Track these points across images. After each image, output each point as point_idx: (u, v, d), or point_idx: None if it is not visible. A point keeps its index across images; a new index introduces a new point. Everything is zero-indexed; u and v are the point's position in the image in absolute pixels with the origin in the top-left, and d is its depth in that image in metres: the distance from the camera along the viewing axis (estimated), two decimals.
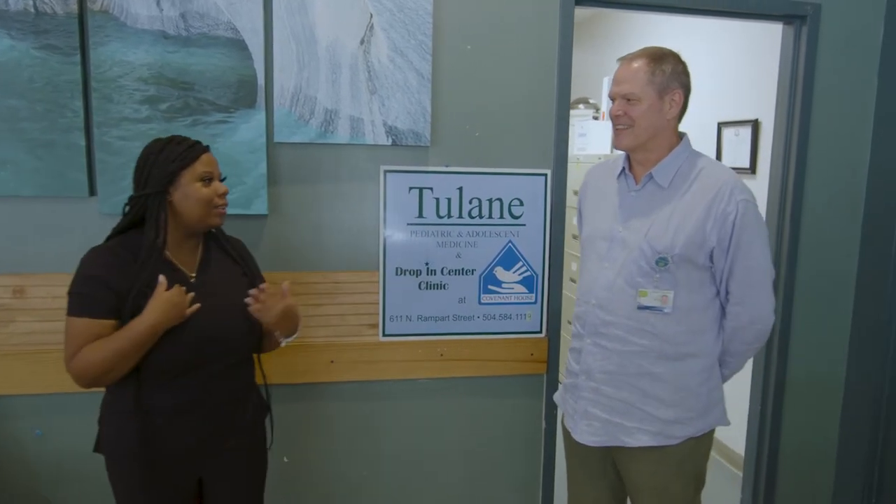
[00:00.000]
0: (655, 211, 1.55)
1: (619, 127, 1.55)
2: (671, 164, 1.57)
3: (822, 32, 2.27)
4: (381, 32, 1.94)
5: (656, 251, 1.52)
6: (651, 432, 1.58)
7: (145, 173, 1.39)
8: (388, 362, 2.07)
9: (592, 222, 1.68)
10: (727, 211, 1.49)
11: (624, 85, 1.53)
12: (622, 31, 4.33)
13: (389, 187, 2.02)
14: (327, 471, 2.12)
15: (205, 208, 1.42)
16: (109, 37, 1.79)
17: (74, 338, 1.34)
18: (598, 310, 1.59)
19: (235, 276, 1.53)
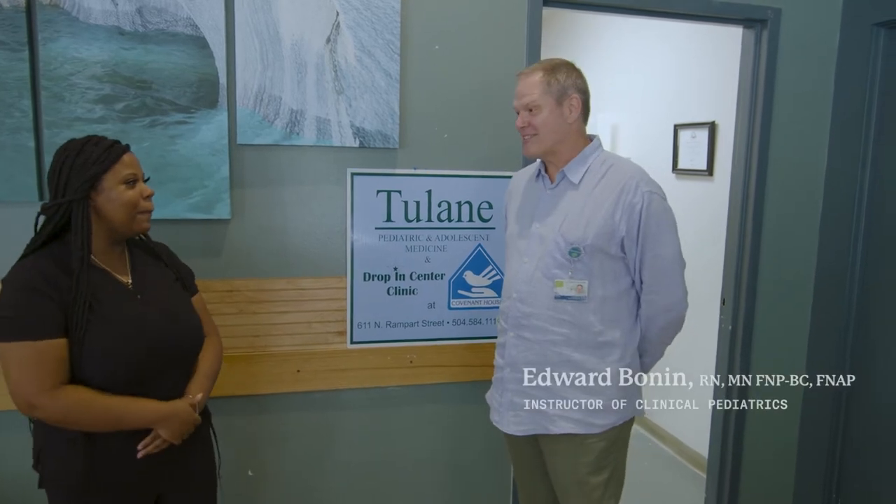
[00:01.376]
0: (568, 206, 1.68)
1: (525, 136, 1.68)
2: (581, 163, 1.70)
3: (781, 36, 2.40)
4: (347, 31, 1.96)
5: (569, 242, 1.64)
6: (573, 420, 1.68)
7: (63, 178, 1.34)
8: (356, 370, 2.09)
9: (514, 223, 1.80)
10: (633, 202, 1.62)
11: (524, 98, 1.66)
12: (578, 31, 4.45)
13: (357, 190, 2.04)
14: (295, 483, 2.12)
15: (130, 212, 1.39)
16: (60, 32, 1.76)
17: (22, 364, 1.26)
18: (518, 303, 1.70)
19: (169, 280, 1.52)
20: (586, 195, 1.67)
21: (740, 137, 2.50)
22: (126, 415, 1.34)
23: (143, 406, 1.36)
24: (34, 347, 1.27)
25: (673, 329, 1.73)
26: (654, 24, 3.51)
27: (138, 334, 1.36)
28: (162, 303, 1.45)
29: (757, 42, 2.43)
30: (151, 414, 1.36)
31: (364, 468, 2.17)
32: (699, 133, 3.19)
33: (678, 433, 3.48)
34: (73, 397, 1.29)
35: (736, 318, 2.52)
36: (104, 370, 1.32)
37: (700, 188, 3.23)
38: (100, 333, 1.32)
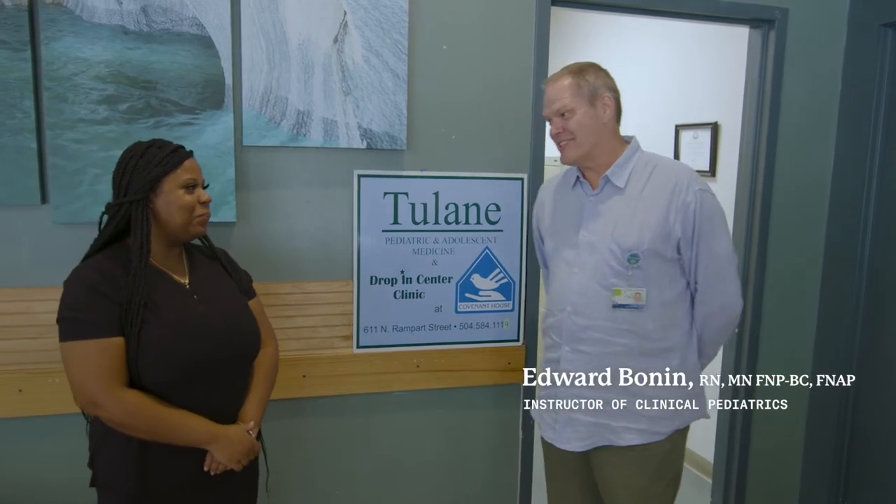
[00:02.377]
0: (617, 211, 1.69)
1: (561, 143, 1.70)
2: (624, 165, 1.71)
3: (789, 37, 2.44)
4: (355, 31, 1.98)
5: (625, 249, 1.65)
6: (638, 430, 1.71)
7: (126, 179, 1.41)
8: (362, 375, 2.12)
9: (556, 234, 1.80)
10: (687, 201, 1.64)
11: (555, 104, 1.68)
12: (582, 32, 4.48)
13: (363, 192, 2.06)
14: (301, 490, 2.14)
15: (187, 216, 1.45)
16: (63, 31, 1.77)
17: (86, 363, 1.33)
18: (574, 316, 1.70)
19: (227, 283, 1.58)
20: (635, 199, 1.68)
21: (747, 138, 2.54)
22: (179, 428, 1.38)
23: (197, 424, 1.40)
24: (97, 346, 1.33)
25: (729, 328, 1.78)
26: (655, 24, 3.55)
27: (194, 335, 1.41)
28: (220, 305, 1.50)
29: (764, 42, 2.48)
30: (203, 433, 1.41)
31: (370, 474, 2.19)
32: (701, 133, 3.24)
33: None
34: (135, 401, 1.34)
35: (742, 318, 2.56)
36: (159, 369, 1.37)
37: None
38: (154, 332, 1.37)
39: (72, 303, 1.35)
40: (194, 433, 1.40)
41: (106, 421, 1.36)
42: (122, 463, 1.39)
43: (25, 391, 1.83)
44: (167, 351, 1.38)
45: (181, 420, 1.39)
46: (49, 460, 1.89)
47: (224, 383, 1.48)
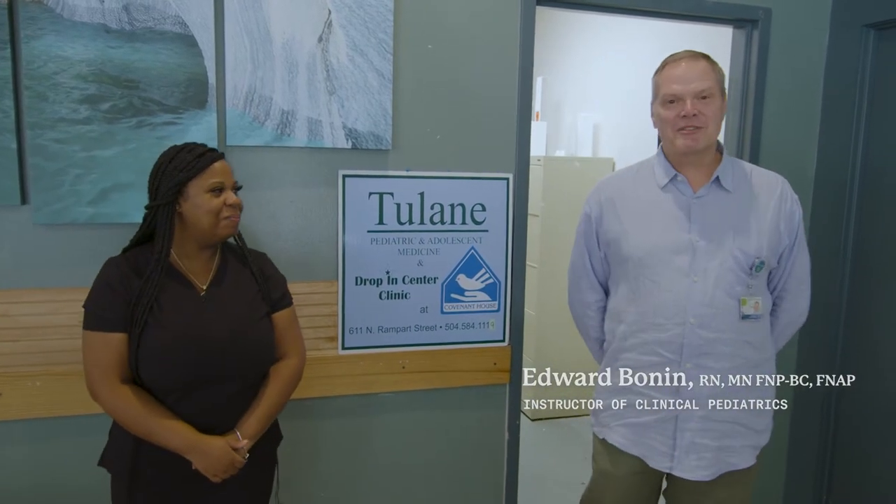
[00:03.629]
0: (730, 216, 1.66)
1: (690, 127, 1.62)
2: (730, 167, 1.70)
3: (772, 37, 2.54)
4: (339, 30, 2.03)
5: (751, 256, 1.63)
6: (752, 447, 1.73)
7: (156, 183, 1.50)
8: (347, 377, 2.17)
9: (651, 237, 1.69)
10: (793, 209, 1.70)
11: (695, 83, 1.61)
12: (556, 30, 4.57)
13: (348, 193, 2.12)
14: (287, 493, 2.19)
15: (212, 219, 1.50)
16: (44, 30, 1.80)
17: (92, 352, 1.46)
18: (699, 329, 1.63)
19: (251, 293, 1.61)
20: (746, 204, 1.66)
21: (730, 138, 2.63)
22: (159, 432, 1.45)
23: (178, 430, 1.46)
24: (101, 339, 1.45)
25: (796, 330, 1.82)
26: (637, 23, 3.63)
27: (191, 343, 1.47)
28: (228, 316, 1.54)
29: (747, 42, 2.57)
30: (181, 441, 1.46)
31: (355, 475, 2.25)
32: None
33: None
34: (124, 396, 1.45)
35: None
36: (153, 372, 1.46)
37: None
38: (153, 336, 1.45)
39: (91, 294, 1.48)
40: (174, 439, 1.46)
41: (104, 408, 1.47)
42: (123, 448, 1.51)
43: (6, 395, 1.86)
44: (162, 355, 1.45)
45: (163, 424, 1.45)
46: (28, 467, 1.92)
47: (224, 392, 1.52)
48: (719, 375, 1.64)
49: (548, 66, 4.59)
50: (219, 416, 1.52)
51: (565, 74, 4.39)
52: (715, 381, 1.64)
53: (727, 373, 1.65)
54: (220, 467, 1.50)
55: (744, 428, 1.70)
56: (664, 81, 1.67)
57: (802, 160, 2.64)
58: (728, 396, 1.67)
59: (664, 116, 1.67)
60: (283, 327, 1.66)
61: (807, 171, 2.65)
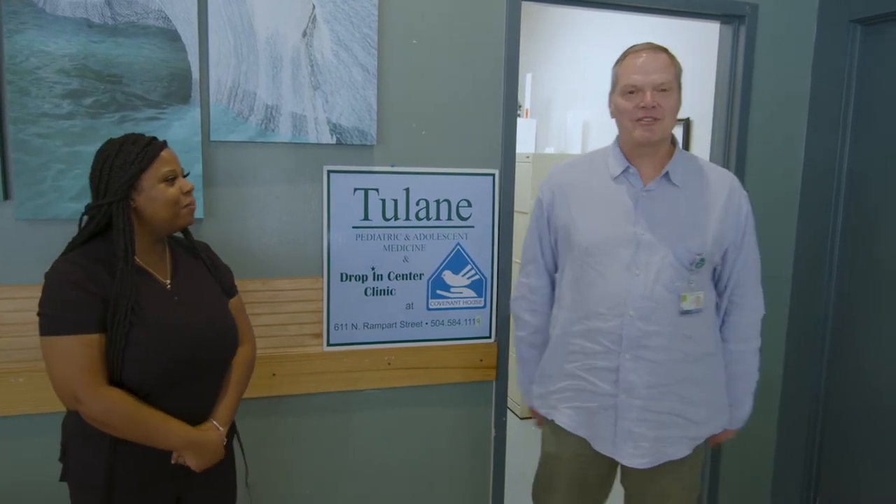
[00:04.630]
0: (677, 211, 1.71)
1: (648, 119, 1.66)
2: (679, 162, 1.75)
3: (759, 32, 2.60)
4: (324, 25, 2.08)
5: (693, 252, 1.68)
6: (689, 438, 1.79)
7: (104, 180, 1.46)
8: (333, 373, 2.22)
9: (597, 228, 1.75)
10: (740, 206, 1.74)
11: (655, 75, 1.65)
12: (545, 27, 4.63)
13: (333, 188, 2.16)
14: (270, 489, 2.23)
15: (172, 209, 1.51)
16: (26, 24, 1.83)
17: (70, 358, 1.39)
18: (637, 321, 1.68)
19: (206, 280, 1.65)
20: (694, 199, 1.72)
21: (718, 134, 2.69)
22: (158, 430, 1.46)
23: (177, 428, 1.48)
24: (79, 341, 1.40)
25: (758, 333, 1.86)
26: (626, 20, 3.70)
27: (175, 338, 1.48)
28: (200, 306, 1.57)
29: (734, 38, 2.63)
30: (180, 439, 1.48)
31: (341, 473, 2.30)
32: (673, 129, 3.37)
33: None
34: (116, 399, 1.41)
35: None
36: (139, 371, 1.44)
37: None
38: (138, 335, 1.43)
39: (54, 298, 1.41)
40: (173, 437, 1.48)
41: (86, 417, 1.43)
42: (94, 458, 1.46)
43: None
44: (149, 353, 1.44)
45: (162, 423, 1.46)
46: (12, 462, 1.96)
47: (202, 385, 1.56)
48: (656, 367, 1.70)
49: (538, 63, 4.64)
50: (196, 408, 1.55)
51: (555, 71, 4.45)
52: (652, 372, 1.71)
53: (664, 365, 1.71)
54: (213, 460, 1.54)
55: (681, 419, 1.75)
56: (624, 72, 1.71)
57: (790, 156, 2.70)
58: (664, 388, 1.73)
59: (623, 107, 1.71)
60: (235, 314, 1.70)
61: (794, 167, 2.71)
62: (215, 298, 1.64)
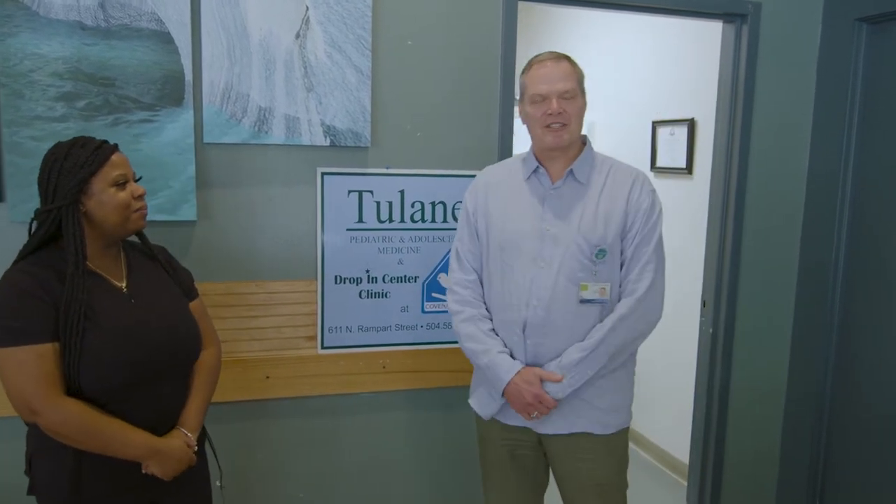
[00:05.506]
0: (579, 205, 1.83)
1: (556, 125, 1.79)
2: (586, 162, 1.87)
3: (762, 31, 2.60)
4: (317, 26, 2.11)
5: (593, 244, 1.80)
6: (599, 423, 1.86)
7: (52, 184, 1.44)
8: (327, 376, 2.25)
9: (509, 224, 1.87)
10: (641, 200, 1.83)
11: (560, 83, 1.79)
12: (550, 27, 4.64)
13: (327, 190, 2.19)
14: (264, 493, 2.27)
15: (122, 214, 1.50)
16: (19, 27, 1.88)
17: (23, 369, 1.38)
18: (541, 311, 1.80)
19: (164, 282, 1.65)
20: (597, 194, 1.84)
21: (720, 135, 2.70)
22: (117, 441, 1.44)
23: (137, 438, 1.46)
24: (34, 351, 1.38)
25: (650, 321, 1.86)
26: (631, 18, 3.70)
27: (132, 342, 1.47)
28: (157, 309, 1.56)
29: (737, 37, 2.63)
30: (142, 448, 1.47)
31: (334, 476, 2.32)
32: (678, 130, 3.40)
33: (659, 440, 3.70)
34: (74, 410, 1.40)
35: (717, 320, 2.72)
36: (97, 377, 1.43)
37: (679, 187, 3.44)
38: (92, 339, 1.42)
39: (4, 309, 1.40)
40: (134, 447, 1.47)
41: (44, 429, 1.42)
42: (58, 470, 1.46)
43: None
44: (105, 358, 1.43)
45: (120, 433, 1.45)
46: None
47: (164, 388, 1.55)
48: (560, 346, 1.81)
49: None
50: (159, 414, 1.55)
51: None
52: (552, 349, 1.82)
53: (567, 344, 1.81)
54: (180, 468, 1.54)
55: (583, 402, 1.84)
56: (531, 82, 1.83)
57: (794, 157, 2.70)
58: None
59: (531, 114, 1.83)
60: (198, 317, 1.70)
61: (799, 168, 2.71)
62: (174, 300, 1.63)
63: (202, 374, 1.67)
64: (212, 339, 1.74)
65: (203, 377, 1.67)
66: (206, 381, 1.68)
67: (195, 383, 1.65)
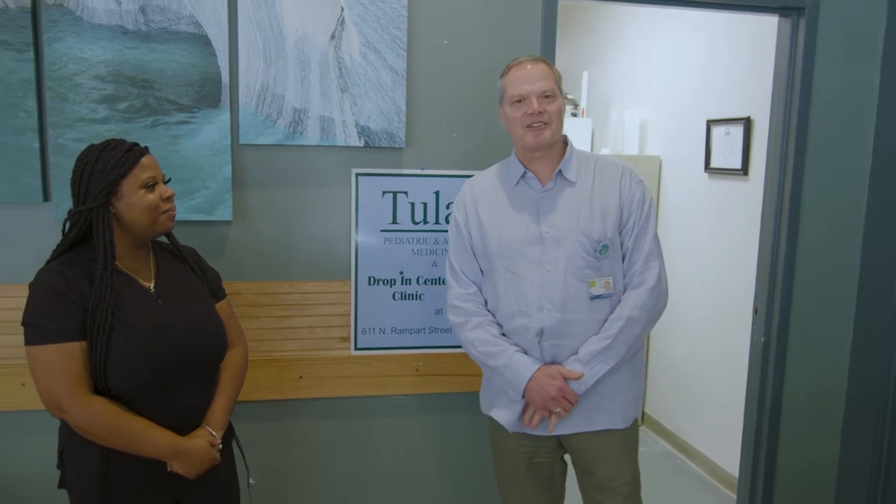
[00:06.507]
0: (574, 204, 1.87)
1: (537, 124, 1.83)
2: (571, 159, 1.91)
3: (820, 25, 2.51)
4: (352, 27, 2.14)
5: (595, 240, 1.84)
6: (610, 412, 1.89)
7: (84, 186, 1.51)
8: (360, 377, 2.28)
9: (506, 232, 1.88)
10: (633, 192, 1.88)
11: (538, 83, 1.83)
12: (603, 24, 4.59)
13: (361, 191, 2.22)
14: (296, 493, 2.31)
15: (151, 216, 1.56)
16: (64, 32, 1.97)
17: (52, 367, 1.44)
18: (555, 313, 1.83)
19: (193, 285, 1.71)
20: (589, 191, 1.88)
21: (775, 134, 2.61)
22: (141, 440, 1.50)
23: (160, 437, 1.52)
24: (61, 350, 1.45)
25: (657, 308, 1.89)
26: (683, 14, 3.63)
27: (159, 341, 1.53)
28: (184, 309, 1.62)
29: (793, 32, 2.55)
30: (165, 448, 1.53)
31: (367, 479, 2.36)
32: (733, 129, 3.31)
33: (709, 451, 3.61)
34: (100, 408, 1.46)
35: (769, 329, 2.64)
36: (124, 376, 1.49)
37: (734, 189, 3.35)
38: (121, 340, 1.48)
39: (35, 307, 1.47)
40: (157, 447, 1.52)
41: (71, 426, 1.48)
42: (88, 466, 1.52)
43: (28, 385, 2.03)
44: (133, 357, 1.49)
45: (145, 432, 1.50)
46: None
47: (190, 387, 1.61)
48: (573, 351, 1.85)
49: (595, 60, 4.61)
50: (185, 413, 1.60)
51: (613, 69, 4.40)
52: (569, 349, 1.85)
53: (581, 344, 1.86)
54: (203, 467, 1.59)
55: (601, 397, 1.86)
56: (510, 84, 1.87)
57: (856, 158, 2.60)
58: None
59: (512, 116, 1.87)
60: (225, 317, 1.75)
61: (860, 170, 2.60)
62: (201, 301, 1.69)
63: (228, 373, 1.72)
64: (238, 339, 1.79)
65: (229, 377, 1.72)
66: (232, 380, 1.73)
67: (221, 382, 1.70)
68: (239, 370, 1.76)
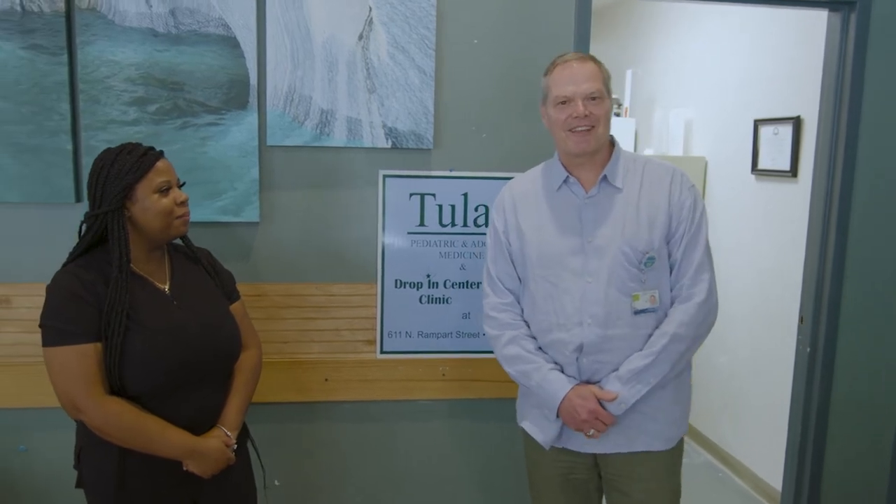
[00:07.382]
0: (620, 212, 1.78)
1: (581, 127, 1.73)
2: (617, 163, 1.82)
3: (872, 19, 2.42)
4: (380, 27, 2.15)
5: (640, 251, 1.74)
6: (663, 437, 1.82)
7: (99, 189, 1.55)
8: (385, 381, 2.29)
9: (547, 240, 1.81)
10: (683, 199, 1.78)
11: (585, 84, 1.73)
12: (647, 20, 4.51)
13: (389, 193, 2.23)
14: (320, 495, 2.33)
15: (165, 220, 1.59)
16: (97, 35, 2.03)
17: (68, 368, 1.49)
18: (595, 328, 1.75)
19: (208, 287, 1.74)
20: (636, 198, 1.79)
21: (824, 134, 2.54)
22: (157, 440, 1.54)
23: (175, 437, 1.55)
24: (77, 351, 1.49)
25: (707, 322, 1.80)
26: (731, 9, 3.54)
27: (173, 342, 1.57)
28: (199, 311, 1.66)
29: (843, 27, 2.47)
30: (181, 448, 1.56)
31: (391, 483, 2.36)
32: (782, 129, 3.21)
33: (754, 465, 3.51)
34: (116, 409, 1.51)
35: (815, 338, 2.56)
36: (139, 377, 1.53)
37: (783, 191, 3.26)
38: (135, 341, 1.52)
39: (52, 309, 1.51)
40: (172, 447, 1.55)
41: (88, 426, 1.53)
42: (105, 466, 1.56)
43: None
44: (148, 358, 1.53)
45: (161, 432, 1.54)
46: None
47: (204, 389, 1.64)
48: (613, 368, 1.77)
49: (639, 59, 4.53)
50: (200, 413, 1.63)
51: (658, 68, 4.33)
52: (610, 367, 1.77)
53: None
54: (217, 467, 1.62)
55: (643, 416, 1.79)
56: (554, 83, 1.77)
57: None
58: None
59: (555, 118, 1.77)
60: (239, 319, 1.77)
61: None
62: (215, 302, 1.73)
63: (242, 374, 1.75)
64: (252, 340, 1.82)
65: (243, 378, 1.75)
66: (246, 381, 1.76)
67: (235, 384, 1.73)
68: (253, 371, 1.79)
